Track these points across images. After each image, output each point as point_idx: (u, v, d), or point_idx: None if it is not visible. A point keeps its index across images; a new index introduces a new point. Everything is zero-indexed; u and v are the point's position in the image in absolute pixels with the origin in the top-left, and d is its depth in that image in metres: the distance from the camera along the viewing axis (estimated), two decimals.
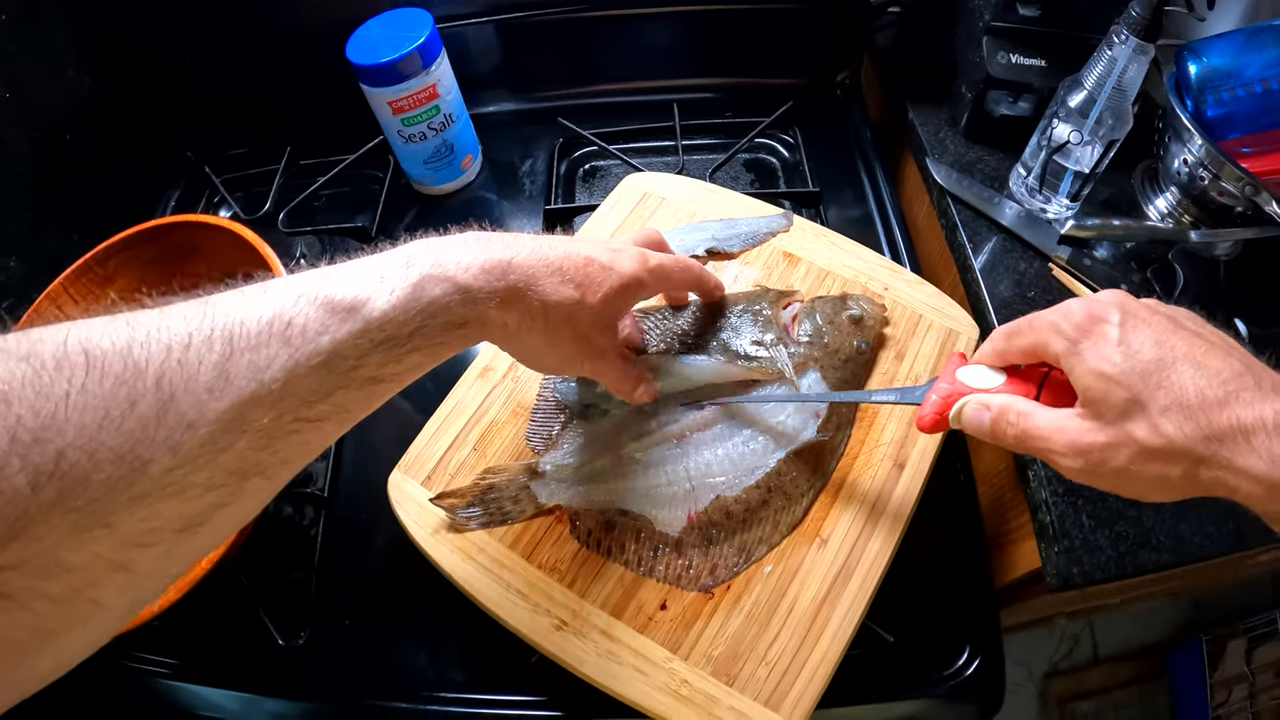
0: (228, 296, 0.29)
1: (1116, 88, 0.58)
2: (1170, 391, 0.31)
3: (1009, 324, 0.38)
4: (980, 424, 0.38)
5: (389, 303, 0.31)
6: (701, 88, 0.82)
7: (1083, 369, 0.33)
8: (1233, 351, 0.32)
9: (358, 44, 0.63)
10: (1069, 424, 0.34)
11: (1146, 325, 0.33)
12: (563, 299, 0.37)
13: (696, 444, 0.49)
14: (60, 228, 0.69)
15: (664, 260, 0.43)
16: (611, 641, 0.44)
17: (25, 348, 0.24)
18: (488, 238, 0.37)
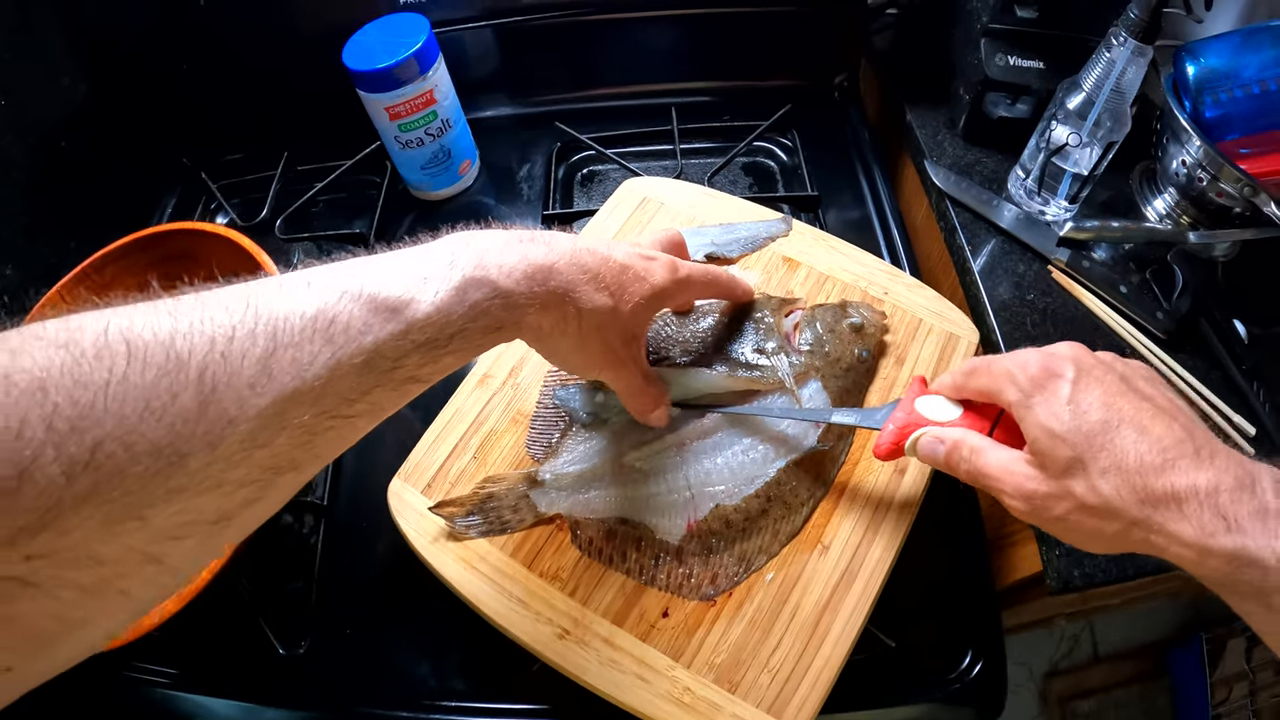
0: (268, 287, 0.28)
1: (1115, 90, 0.58)
2: (1111, 454, 0.33)
3: (972, 361, 0.40)
4: (934, 456, 0.39)
5: (433, 304, 0.31)
6: (699, 91, 0.82)
7: (1032, 421, 0.35)
8: (1178, 417, 0.34)
9: (354, 49, 0.63)
10: (1016, 468, 0.36)
11: (1098, 385, 0.34)
12: (598, 306, 0.38)
13: (696, 452, 0.49)
14: (56, 235, 0.69)
15: (693, 271, 0.44)
16: (613, 649, 0.44)
17: (64, 336, 0.23)
18: (529, 237, 0.36)
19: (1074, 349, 0.36)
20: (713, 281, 0.47)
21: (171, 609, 0.46)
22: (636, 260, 0.40)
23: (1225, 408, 0.56)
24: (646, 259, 0.41)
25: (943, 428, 0.40)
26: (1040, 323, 0.61)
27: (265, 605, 0.54)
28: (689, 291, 0.44)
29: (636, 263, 0.40)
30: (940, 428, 0.40)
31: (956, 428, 0.39)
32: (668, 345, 0.51)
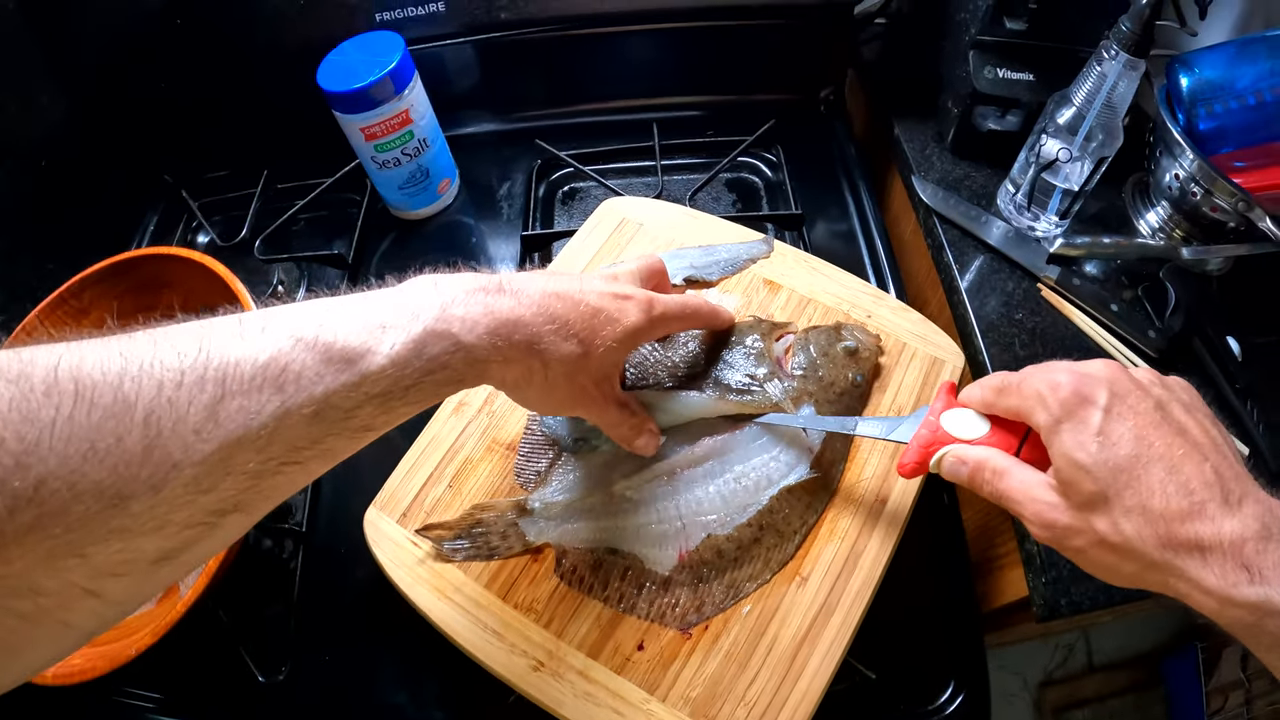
0: (224, 330, 0.28)
1: (1106, 104, 0.57)
2: (1137, 493, 0.32)
3: (1001, 376, 0.38)
4: (958, 476, 0.39)
5: (388, 358, 0.30)
6: (682, 106, 0.81)
7: (1059, 449, 0.34)
8: (1210, 455, 0.32)
9: (329, 69, 0.62)
10: (1040, 494, 0.35)
11: (1131, 414, 0.33)
12: (565, 355, 0.37)
13: (688, 481, 0.48)
14: (35, 257, 0.68)
15: (669, 306, 0.43)
16: (589, 682, 0.44)
17: (16, 369, 0.24)
18: (496, 285, 0.35)
19: (1109, 369, 0.35)
20: (691, 314, 0.46)
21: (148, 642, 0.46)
22: (609, 302, 0.39)
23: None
24: (620, 298, 0.40)
25: (968, 446, 0.39)
26: (1029, 343, 0.60)
27: (245, 631, 0.54)
28: (665, 328, 0.43)
29: (609, 304, 0.39)
30: (965, 446, 0.39)
31: (982, 447, 0.38)
32: (657, 369, 0.50)
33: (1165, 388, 0.35)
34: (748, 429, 0.49)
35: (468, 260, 0.72)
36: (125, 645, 0.47)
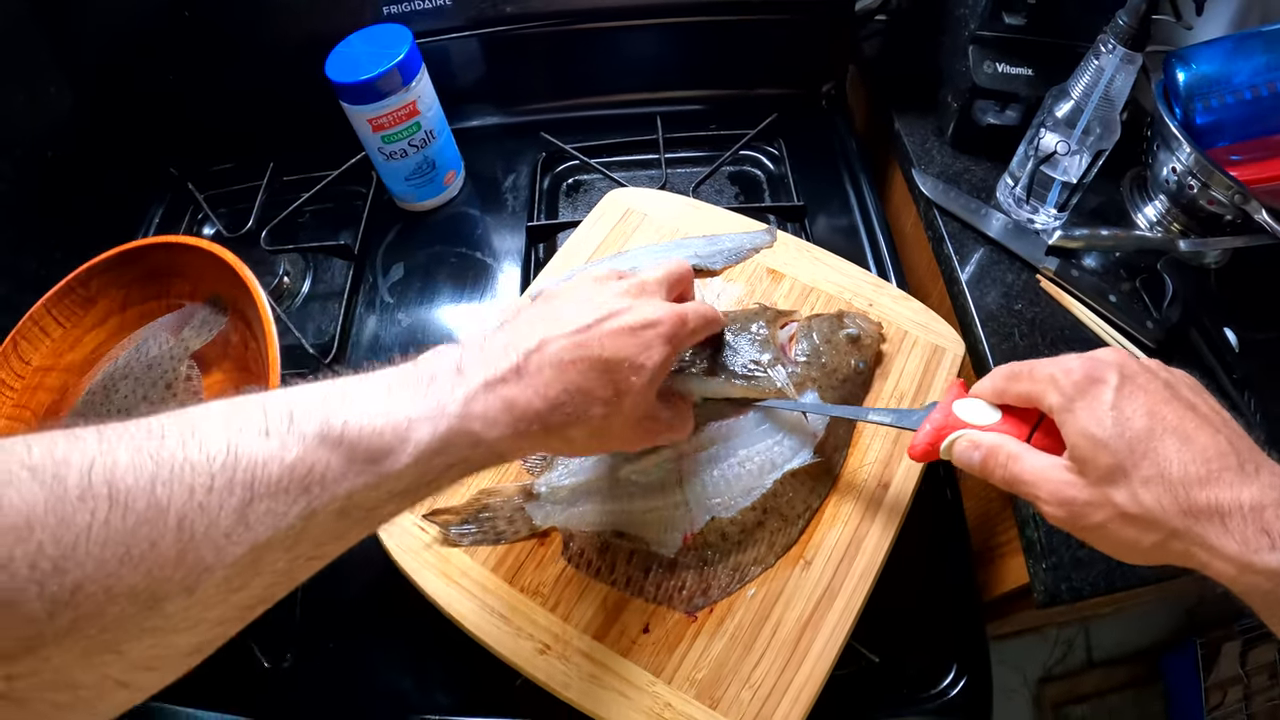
0: (251, 423, 0.29)
1: (1104, 97, 0.58)
2: (1154, 463, 0.32)
3: (1012, 365, 0.39)
4: (970, 461, 0.38)
5: (412, 457, 0.31)
6: (685, 100, 0.81)
7: (1074, 427, 0.34)
8: (1222, 429, 0.33)
9: (337, 61, 0.63)
10: (1055, 474, 0.35)
11: (1142, 392, 0.34)
12: (593, 421, 0.36)
13: (693, 465, 0.48)
14: (42, 246, 0.69)
15: (697, 323, 0.41)
16: (594, 665, 0.44)
17: (50, 469, 0.24)
18: (514, 371, 0.35)
19: (1118, 354, 0.36)
20: (713, 323, 0.45)
21: None
22: (630, 344, 0.37)
23: None
24: (642, 329, 0.38)
25: (980, 431, 0.39)
26: (1029, 333, 0.60)
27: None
28: (691, 342, 0.43)
29: (630, 349, 0.37)
30: (977, 431, 0.39)
31: (994, 432, 0.38)
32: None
33: (1171, 373, 0.36)
34: (752, 414, 0.49)
35: (473, 251, 0.73)
36: None
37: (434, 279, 0.71)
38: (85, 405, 0.60)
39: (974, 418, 0.40)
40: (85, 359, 0.62)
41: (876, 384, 0.52)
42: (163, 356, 0.60)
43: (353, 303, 0.70)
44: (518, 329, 0.37)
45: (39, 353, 0.60)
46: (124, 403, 0.58)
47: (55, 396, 0.61)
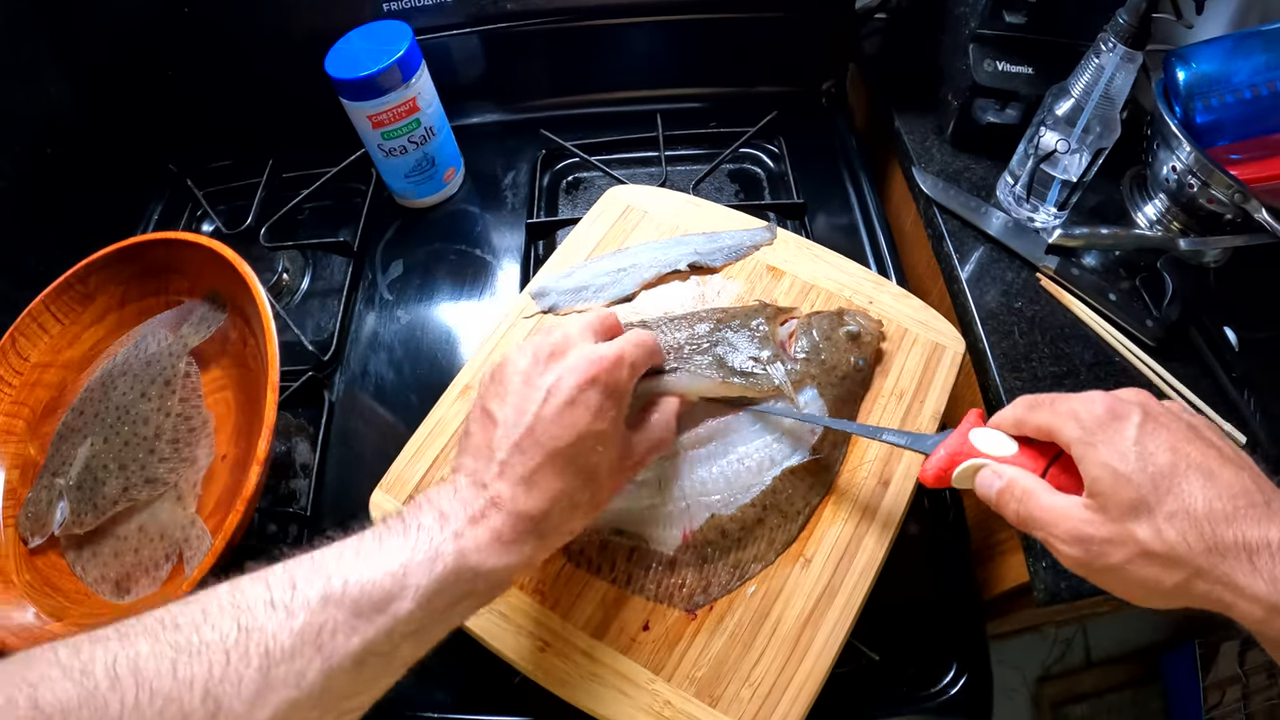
0: (256, 598, 0.30)
1: (1104, 96, 0.58)
2: (1179, 498, 0.31)
3: (1033, 396, 0.38)
4: (989, 492, 0.37)
5: (415, 601, 0.32)
6: (685, 98, 0.81)
7: (1094, 460, 0.33)
8: (1245, 467, 0.32)
9: (337, 57, 0.63)
10: (1073, 512, 0.34)
11: (1165, 429, 0.33)
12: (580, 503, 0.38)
13: (691, 462, 0.48)
14: (41, 243, 0.69)
15: (635, 359, 0.40)
16: (594, 663, 0.44)
17: (78, 667, 0.27)
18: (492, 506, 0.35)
19: (1140, 394, 0.35)
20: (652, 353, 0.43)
21: None
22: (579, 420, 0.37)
23: (1215, 416, 0.56)
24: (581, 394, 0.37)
25: (998, 462, 0.38)
26: (1028, 331, 0.60)
27: None
28: (634, 378, 0.41)
29: (581, 423, 0.37)
30: (996, 462, 0.38)
31: (1011, 465, 0.37)
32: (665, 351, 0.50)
33: (1193, 415, 0.35)
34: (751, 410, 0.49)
35: (472, 248, 0.73)
36: None
37: (433, 276, 0.71)
38: (83, 402, 0.60)
39: (990, 448, 0.39)
40: (84, 356, 0.62)
41: (877, 381, 0.52)
42: (161, 353, 0.60)
43: (352, 300, 0.70)
44: (476, 455, 0.37)
45: (37, 349, 0.60)
46: (122, 399, 0.58)
47: (54, 393, 0.61)
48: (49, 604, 0.52)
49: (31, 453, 0.59)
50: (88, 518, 0.54)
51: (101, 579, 0.53)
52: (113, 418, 0.58)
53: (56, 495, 0.56)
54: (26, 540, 0.55)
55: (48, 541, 0.55)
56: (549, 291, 0.57)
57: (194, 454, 0.56)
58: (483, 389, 0.40)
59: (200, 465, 0.55)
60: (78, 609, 0.52)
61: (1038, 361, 0.59)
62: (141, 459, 0.55)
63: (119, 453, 0.56)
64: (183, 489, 0.54)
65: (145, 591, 0.52)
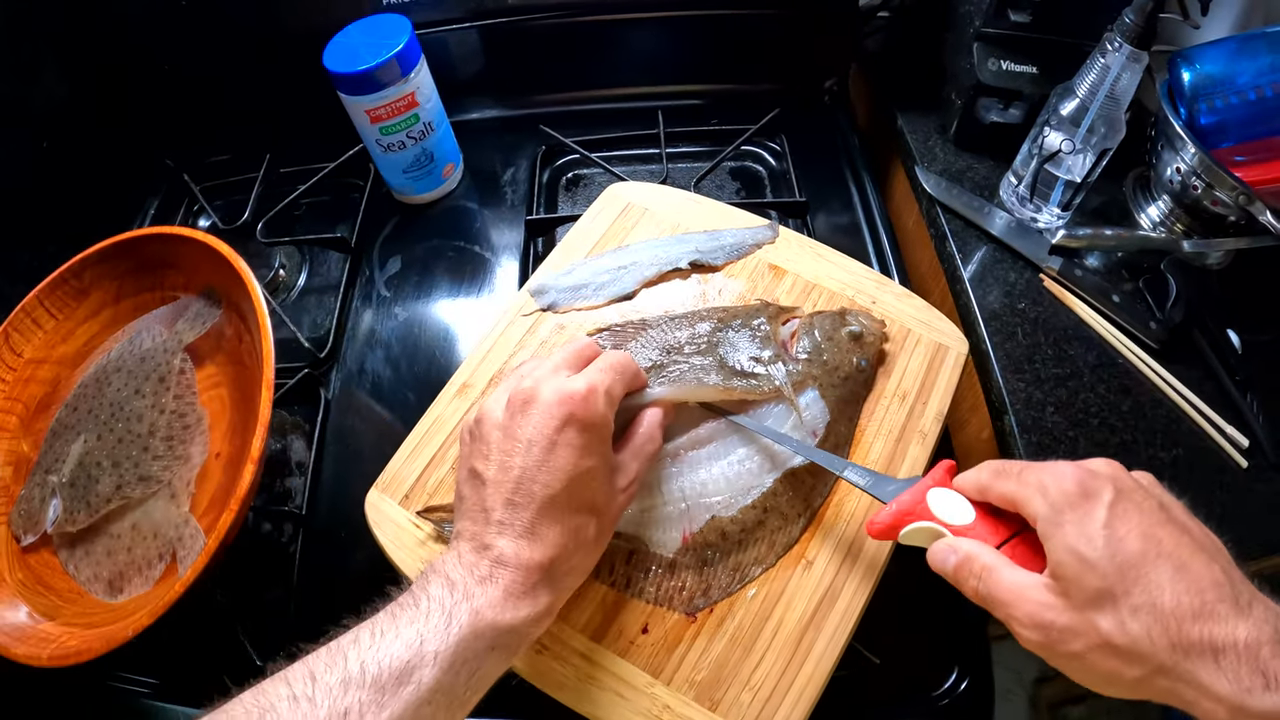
0: (279, 697, 0.30)
1: (1109, 96, 0.57)
2: (1146, 590, 0.30)
3: (1001, 463, 0.37)
4: (945, 565, 0.36)
5: (438, 668, 0.32)
6: (687, 94, 0.81)
7: (1060, 543, 0.32)
8: (1216, 557, 0.31)
9: (335, 51, 0.62)
10: (1034, 594, 0.33)
11: (1137, 511, 0.32)
12: (587, 538, 0.39)
13: (691, 462, 0.48)
14: (35, 237, 0.68)
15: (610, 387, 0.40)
16: (591, 666, 0.44)
17: None
18: (498, 565, 0.36)
19: (1113, 468, 0.34)
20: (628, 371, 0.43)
21: (145, 622, 0.46)
22: (565, 460, 0.37)
23: (1219, 419, 0.55)
24: (560, 434, 0.37)
25: (956, 537, 0.37)
26: (1031, 332, 0.60)
27: (243, 614, 0.54)
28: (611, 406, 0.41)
29: (568, 464, 0.37)
30: (954, 537, 0.37)
31: (970, 540, 0.36)
32: (663, 349, 0.50)
33: (1165, 492, 0.34)
34: (754, 413, 0.49)
35: (471, 244, 0.72)
36: (122, 626, 0.46)
37: (431, 273, 0.70)
38: (77, 398, 0.59)
39: (946, 512, 0.38)
40: (78, 351, 0.61)
41: (879, 382, 0.52)
42: (156, 349, 0.59)
43: (349, 296, 0.69)
44: (472, 517, 0.38)
45: (31, 345, 0.60)
46: (116, 396, 0.58)
47: (47, 389, 0.60)
48: (41, 603, 0.51)
49: (25, 449, 0.58)
50: (80, 515, 0.53)
51: (94, 578, 0.53)
52: (106, 414, 0.57)
53: (49, 492, 0.55)
54: (19, 538, 0.55)
55: (40, 539, 0.55)
56: (548, 289, 0.56)
57: (188, 451, 0.55)
58: (465, 448, 0.40)
59: (194, 463, 0.55)
60: (70, 608, 0.51)
61: (1041, 363, 0.58)
62: (135, 456, 0.55)
63: (112, 450, 0.55)
64: (176, 487, 0.54)
65: (138, 591, 0.51)
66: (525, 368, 0.41)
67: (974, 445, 0.62)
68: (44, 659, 0.46)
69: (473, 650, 0.33)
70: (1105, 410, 0.56)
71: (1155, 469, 0.52)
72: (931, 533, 0.38)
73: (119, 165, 0.78)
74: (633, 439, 0.43)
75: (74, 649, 0.46)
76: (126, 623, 0.46)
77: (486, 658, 0.34)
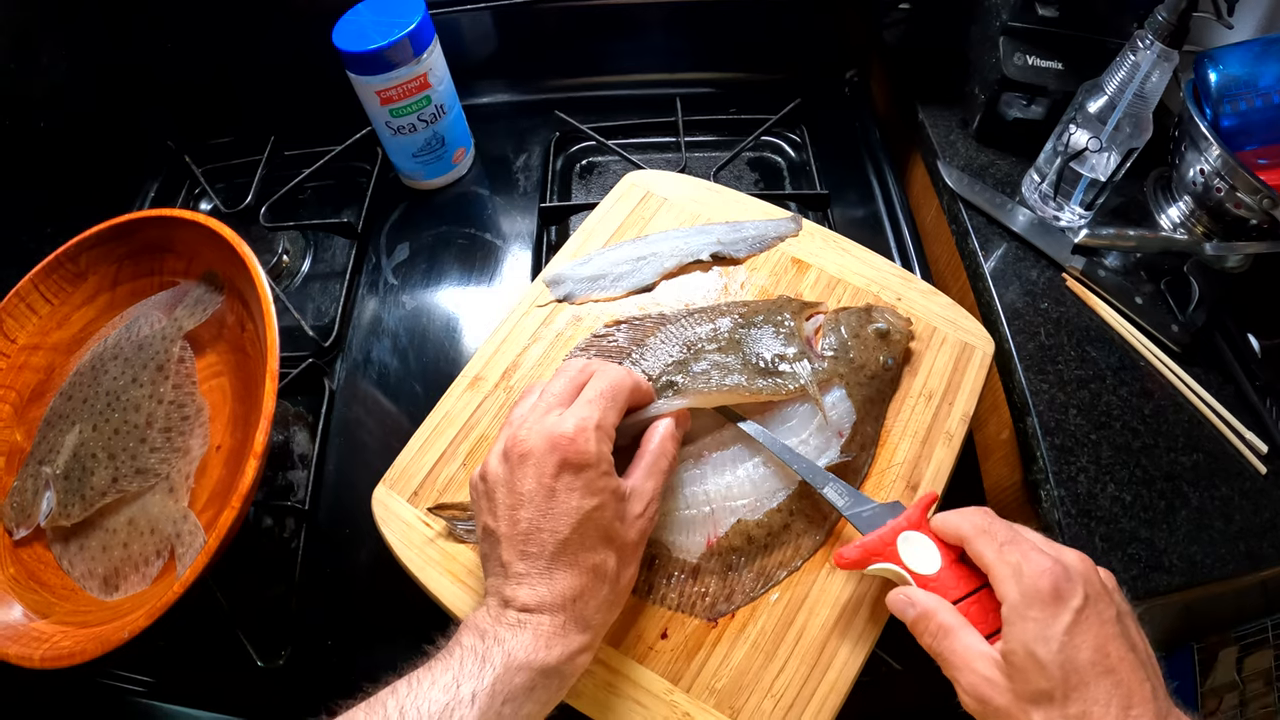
0: None
1: (1138, 94, 0.57)
2: (1084, 700, 0.32)
3: (986, 518, 0.38)
4: (903, 615, 0.39)
5: (476, 707, 0.33)
6: (705, 82, 0.79)
7: (1021, 634, 0.34)
8: (1150, 676, 0.34)
9: (345, 29, 0.60)
10: (982, 667, 0.35)
11: (1098, 622, 0.34)
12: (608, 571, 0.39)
13: (716, 465, 0.46)
14: (34, 220, 0.66)
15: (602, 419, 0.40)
16: (609, 672, 0.42)
17: None
18: (525, 612, 0.37)
19: (1086, 567, 0.35)
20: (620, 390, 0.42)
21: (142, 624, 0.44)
22: (572, 499, 0.38)
23: (1239, 425, 0.55)
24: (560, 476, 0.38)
25: (917, 589, 0.39)
26: (1054, 332, 0.59)
27: (243, 613, 0.52)
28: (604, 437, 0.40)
29: (577, 503, 0.37)
30: (914, 589, 0.39)
31: (929, 595, 0.38)
32: (686, 344, 0.49)
33: (1123, 600, 0.36)
34: (778, 412, 0.47)
35: (481, 232, 0.70)
36: (118, 627, 0.44)
37: (440, 260, 0.68)
38: (72, 387, 0.57)
39: (913, 558, 0.39)
40: (73, 338, 0.59)
41: (905, 381, 0.50)
42: (154, 336, 0.57)
43: (355, 283, 0.67)
44: (494, 573, 0.39)
45: (25, 331, 0.57)
46: (113, 385, 0.55)
47: (42, 377, 0.58)
48: (34, 600, 0.49)
49: (18, 439, 0.56)
50: (75, 509, 0.51)
51: (89, 574, 0.51)
52: (102, 404, 0.55)
53: (43, 485, 0.53)
54: (11, 532, 0.53)
55: (34, 533, 0.53)
56: (565, 279, 0.54)
57: (187, 444, 0.53)
58: (476, 506, 0.41)
59: (193, 456, 0.53)
60: (64, 605, 0.49)
61: (1064, 364, 0.57)
62: (132, 448, 0.53)
63: (108, 441, 0.53)
64: (175, 481, 0.52)
65: (135, 589, 0.50)
66: (519, 411, 0.41)
67: (993, 445, 0.61)
68: (36, 660, 0.44)
69: (510, 690, 0.34)
70: (1127, 414, 0.55)
71: (1175, 474, 0.53)
72: (897, 575, 0.40)
73: (118, 146, 0.76)
74: (643, 458, 0.42)
75: (67, 650, 0.44)
76: (122, 623, 0.44)
77: (527, 698, 0.35)
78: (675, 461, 0.43)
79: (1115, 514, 0.51)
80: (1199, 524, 0.51)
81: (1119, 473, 0.52)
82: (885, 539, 0.40)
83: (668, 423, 0.44)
